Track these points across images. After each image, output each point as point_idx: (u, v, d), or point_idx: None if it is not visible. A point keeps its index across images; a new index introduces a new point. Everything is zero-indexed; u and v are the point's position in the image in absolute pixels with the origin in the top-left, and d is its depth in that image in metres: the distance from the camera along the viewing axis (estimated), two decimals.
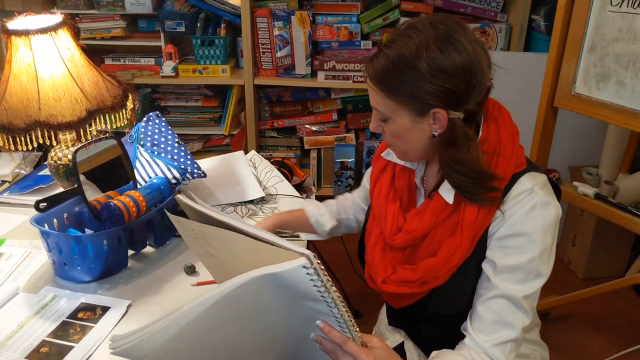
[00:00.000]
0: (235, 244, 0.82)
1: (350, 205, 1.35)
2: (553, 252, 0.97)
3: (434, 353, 0.99)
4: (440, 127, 0.94)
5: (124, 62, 2.62)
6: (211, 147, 2.74)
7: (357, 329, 0.84)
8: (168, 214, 1.00)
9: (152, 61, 2.61)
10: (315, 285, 0.73)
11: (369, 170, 1.23)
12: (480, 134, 0.98)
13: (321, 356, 0.87)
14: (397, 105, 0.94)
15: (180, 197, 0.98)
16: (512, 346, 0.96)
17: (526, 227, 0.94)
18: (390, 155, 1.11)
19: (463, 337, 1.00)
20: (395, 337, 1.20)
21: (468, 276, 1.00)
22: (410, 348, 1.17)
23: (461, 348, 0.98)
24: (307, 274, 0.71)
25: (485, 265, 0.98)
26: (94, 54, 1.42)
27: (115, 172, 1.37)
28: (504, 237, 0.95)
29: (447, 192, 0.99)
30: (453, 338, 1.01)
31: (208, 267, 1.06)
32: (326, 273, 0.74)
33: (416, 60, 0.89)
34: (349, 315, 0.80)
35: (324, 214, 1.34)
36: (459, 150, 0.93)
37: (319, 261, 0.73)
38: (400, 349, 1.17)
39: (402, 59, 0.90)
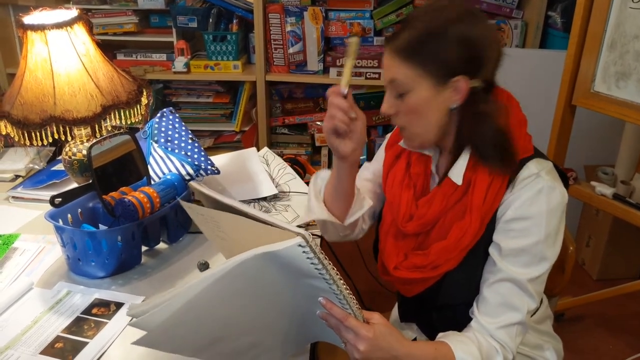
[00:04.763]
0: (239, 226, 0.86)
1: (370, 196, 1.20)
2: (560, 237, 0.98)
3: (440, 334, 1.00)
4: (460, 97, 0.95)
5: (136, 57, 2.62)
6: (222, 143, 2.74)
7: (359, 306, 0.86)
8: (180, 201, 1.03)
9: (164, 57, 2.61)
10: (312, 263, 0.76)
11: (383, 146, 1.20)
12: None
13: (329, 332, 0.89)
14: (420, 74, 0.94)
15: (193, 184, 1.04)
16: (518, 329, 0.98)
17: (531, 210, 0.95)
18: (403, 143, 1.11)
19: None
20: (408, 334, 1.20)
21: (478, 261, 1.01)
22: None
23: (467, 330, 1.00)
24: (304, 252, 0.75)
25: (491, 249, 1.00)
26: (106, 49, 1.42)
27: (129, 168, 1.37)
28: (510, 221, 0.97)
29: (456, 175, 1.00)
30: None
31: (221, 250, 1.09)
32: (323, 252, 0.77)
33: (444, 29, 0.92)
34: (348, 292, 0.83)
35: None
36: (480, 106, 0.95)
37: (314, 239, 0.77)
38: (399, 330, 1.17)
39: (430, 28, 0.93)
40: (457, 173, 1.00)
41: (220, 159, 1.68)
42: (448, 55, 0.92)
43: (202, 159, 1.43)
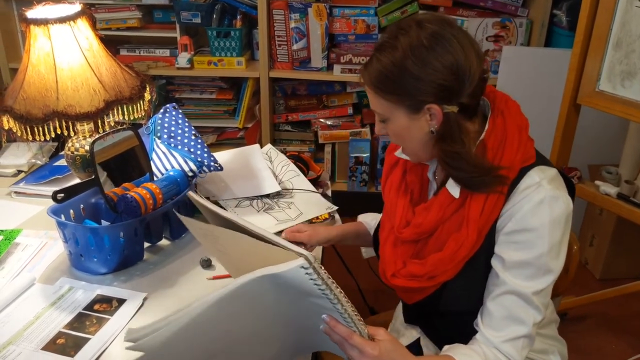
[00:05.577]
0: (240, 243, 0.85)
1: None
2: (564, 248, 0.97)
3: (446, 347, 0.99)
4: (437, 122, 0.95)
5: (139, 53, 2.61)
6: (225, 139, 2.74)
7: (363, 323, 0.85)
8: (178, 215, 1.02)
9: (167, 52, 2.60)
10: (315, 284, 0.75)
11: None
12: (487, 127, 0.98)
13: (330, 343, 0.89)
14: (392, 105, 0.96)
15: (192, 195, 1.02)
16: (524, 342, 0.97)
17: (534, 222, 0.93)
18: (402, 154, 1.11)
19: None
20: (412, 334, 1.20)
21: (477, 271, 1.00)
22: (427, 344, 1.16)
23: (473, 343, 0.99)
24: (307, 273, 0.74)
25: (494, 262, 0.98)
26: (109, 44, 1.41)
27: (131, 163, 1.36)
28: (512, 233, 0.95)
29: (453, 187, 0.99)
30: (468, 335, 1.01)
31: (221, 262, 1.08)
32: (326, 272, 0.76)
33: (404, 61, 0.91)
34: (353, 310, 0.82)
35: None
36: (452, 145, 0.94)
37: (317, 260, 0.75)
38: (416, 345, 1.17)
39: (392, 61, 0.93)
40: (454, 184, 0.99)
41: (223, 156, 1.67)
42: (413, 87, 0.92)
43: (205, 155, 1.42)
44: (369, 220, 1.35)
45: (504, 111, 0.99)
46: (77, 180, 1.47)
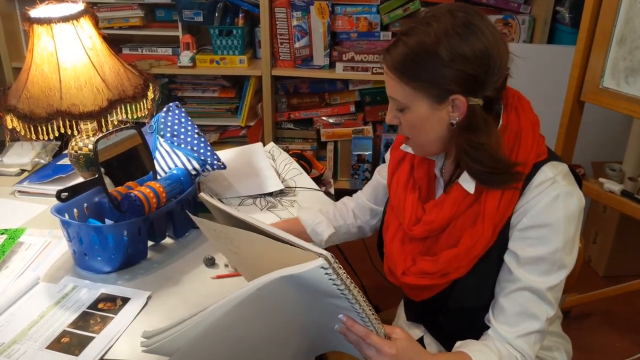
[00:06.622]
0: (255, 244, 0.84)
1: (353, 207, 1.31)
2: (577, 243, 0.97)
3: (458, 343, 0.99)
4: (460, 114, 0.94)
5: (142, 51, 2.61)
6: (228, 138, 2.73)
7: (380, 322, 0.85)
8: (191, 215, 1.02)
9: (169, 51, 2.60)
10: (335, 284, 0.75)
11: (380, 168, 1.25)
12: (501, 123, 0.98)
13: (343, 343, 0.89)
14: (415, 93, 0.93)
15: (204, 196, 1.00)
16: (536, 337, 0.97)
17: (549, 217, 0.93)
18: (409, 148, 1.10)
19: (484, 330, 1.00)
20: (415, 332, 1.19)
21: (490, 267, 1.00)
22: (430, 342, 1.16)
23: (485, 339, 0.98)
24: (326, 274, 0.73)
25: (507, 257, 0.98)
26: (111, 43, 1.41)
27: (135, 162, 1.36)
28: (527, 229, 0.95)
29: (467, 182, 0.98)
30: (474, 332, 1.01)
31: (233, 263, 1.07)
32: (345, 271, 0.75)
33: (436, 47, 0.89)
34: (370, 309, 0.82)
35: (321, 222, 1.28)
36: (478, 135, 0.93)
37: (336, 260, 0.74)
38: (420, 343, 1.16)
39: (422, 46, 0.90)
40: (468, 179, 0.98)
41: (226, 154, 1.67)
42: (441, 75, 0.90)
43: (209, 153, 1.42)
44: (308, 219, 1.29)
45: (517, 107, 0.98)
46: (80, 179, 1.48)
